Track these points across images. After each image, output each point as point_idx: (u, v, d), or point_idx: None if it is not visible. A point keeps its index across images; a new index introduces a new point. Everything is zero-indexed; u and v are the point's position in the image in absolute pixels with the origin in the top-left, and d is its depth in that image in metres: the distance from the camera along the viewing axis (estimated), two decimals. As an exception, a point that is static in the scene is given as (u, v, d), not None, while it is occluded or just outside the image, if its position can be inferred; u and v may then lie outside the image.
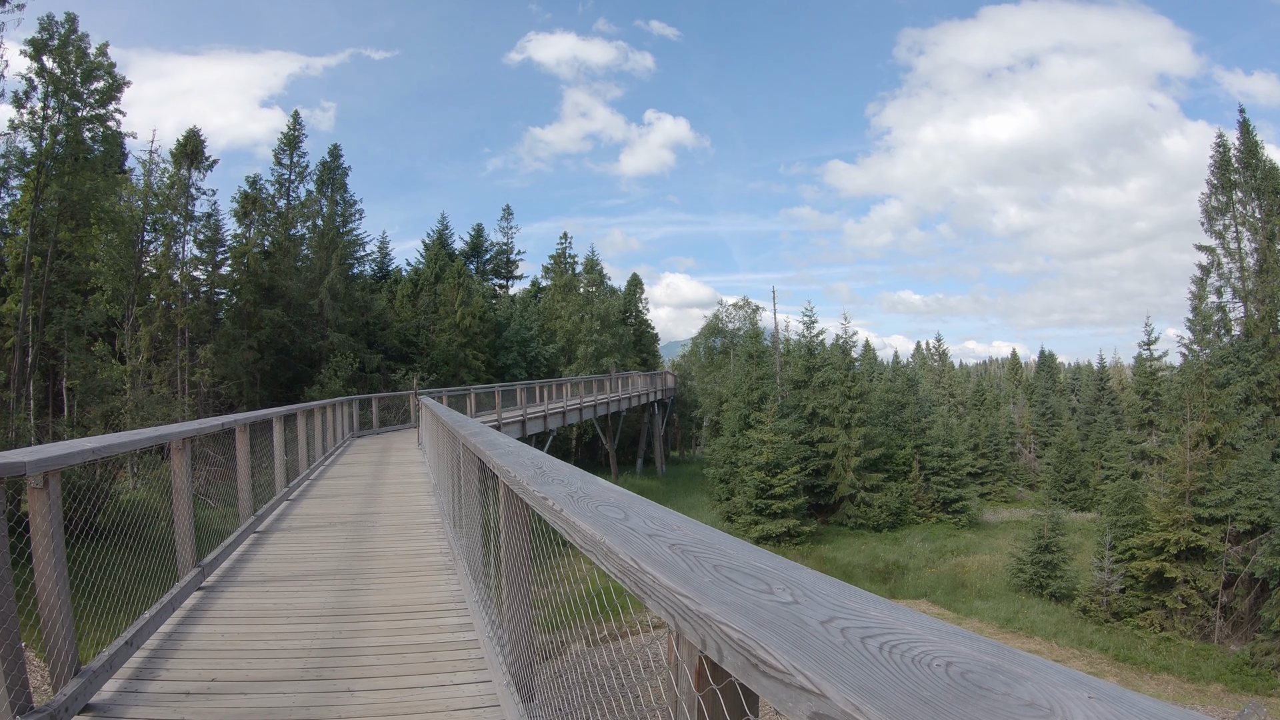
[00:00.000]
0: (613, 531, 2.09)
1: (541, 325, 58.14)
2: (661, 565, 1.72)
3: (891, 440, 44.37)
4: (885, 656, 1.17)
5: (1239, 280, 37.54)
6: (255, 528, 10.05)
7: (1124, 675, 22.06)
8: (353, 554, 8.85)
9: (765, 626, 1.31)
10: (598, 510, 2.40)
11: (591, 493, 2.76)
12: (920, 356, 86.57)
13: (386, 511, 11.78)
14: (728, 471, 41.00)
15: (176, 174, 38.75)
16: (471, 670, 5.18)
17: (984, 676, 1.08)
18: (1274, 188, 36.35)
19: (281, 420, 12.52)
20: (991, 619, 26.24)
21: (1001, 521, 42.69)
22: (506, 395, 32.46)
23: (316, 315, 43.48)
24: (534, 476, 3.27)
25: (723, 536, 2.00)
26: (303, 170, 47.88)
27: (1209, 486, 25.76)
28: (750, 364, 45.75)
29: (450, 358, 48.36)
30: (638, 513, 2.33)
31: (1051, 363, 79.32)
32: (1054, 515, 30.31)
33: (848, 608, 1.40)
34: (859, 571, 32.00)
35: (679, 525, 2.15)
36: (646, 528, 2.12)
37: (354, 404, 27.24)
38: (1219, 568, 24.90)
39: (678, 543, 1.93)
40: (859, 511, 40.67)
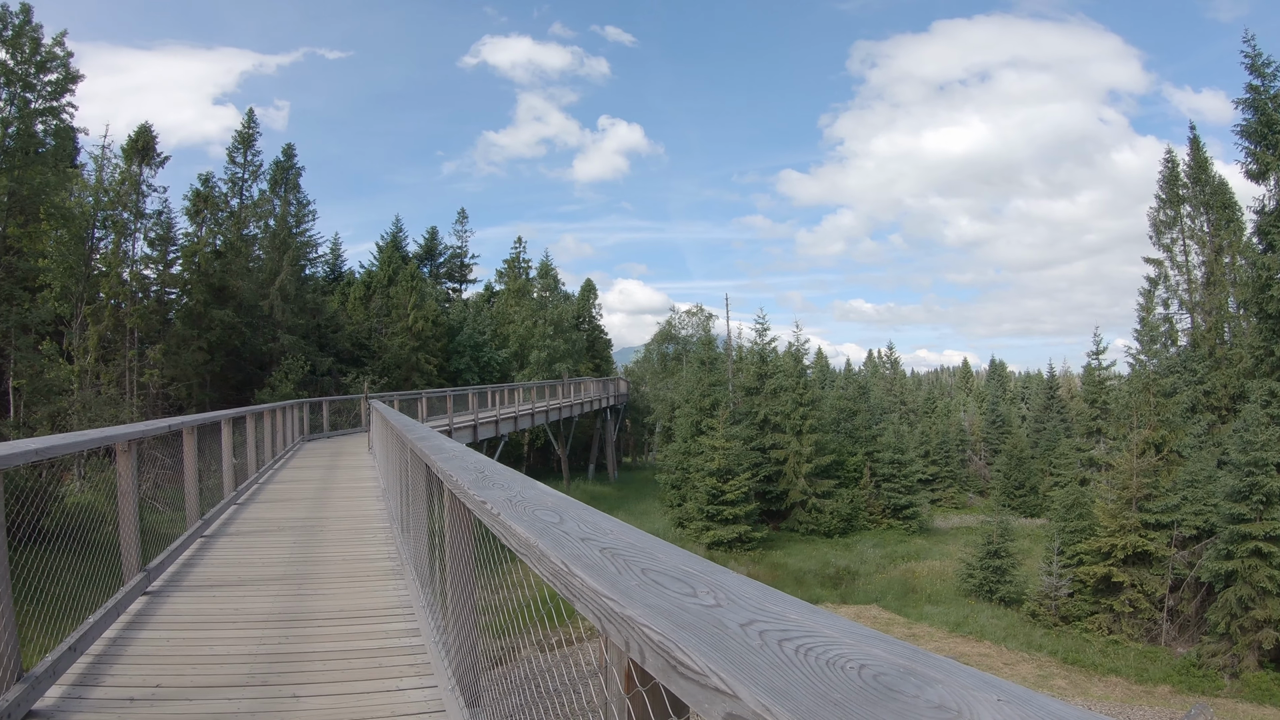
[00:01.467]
0: (547, 535, 2.11)
1: (495, 330, 57.63)
2: (591, 568, 1.74)
3: (843, 447, 44.49)
4: (800, 659, 1.16)
5: (1186, 292, 38.20)
6: (202, 532, 9.97)
7: (1073, 678, 22.10)
8: (300, 559, 8.81)
9: (685, 629, 1.32)
10: (534, 515, 2.43)
11: (530, 497, 2.80)
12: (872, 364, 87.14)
13: (335, 516, 11.74)
14: (679, 478, 40.90)
15: (128, 170, 37.61)
16: (418, 676, 5.18)
17: (896, 679, 1.07)
18: (1222, 203, 37.10)
19: (230, 423, 12.43)
20: (942, 623, 26.20)
21: (952, 527, 43.02)
22: (458, 400, 32.28)
23: (267, 317, 42.58)
24: (475, 481, 3.32)
25: (654, 541, 2.01)
26: (256, 169, 46.99)
27: (1155, 493, 25.98)
28: (703, 371, 45.66)
29: (402, 361, 47.69)
30: (573, 517, 2.35)
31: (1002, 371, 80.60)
32: (1003, 521, 30.42)
33: (768, 611, 1.41)
34: (810, 577, 31.90)
35: (612, 530, 2.17)
36: (580, 532, 2.14)
37: (304, 407, 26.93)
38: (1165, 572, 25.08)
39: (609, 547, 1.94)
40: (810, 518, 40.62)
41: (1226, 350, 34.85)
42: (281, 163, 48.62)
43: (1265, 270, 26.41)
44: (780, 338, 49.96)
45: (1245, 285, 29.49)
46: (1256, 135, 27.29)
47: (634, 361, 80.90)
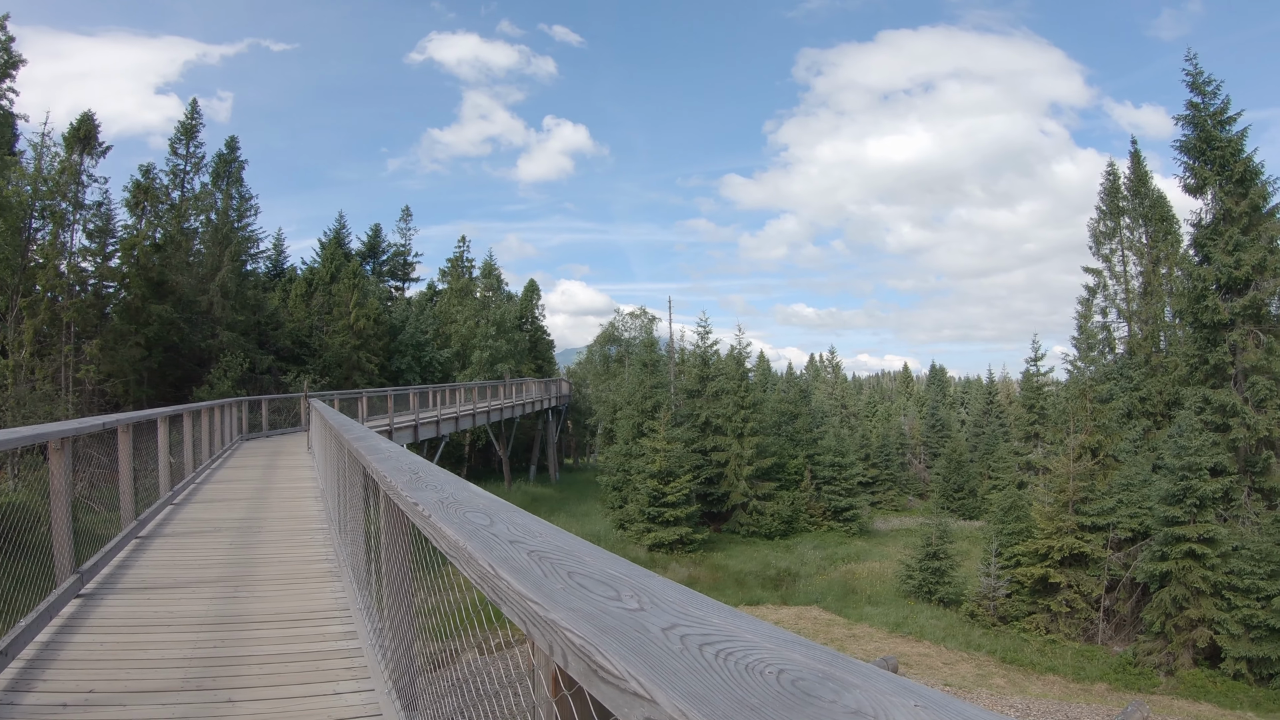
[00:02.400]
0: (476, 538, 2.10)
1: (437, 329, 56.90)
2: (517, 571, 1.73)
3: (784, 450, 44.73)
4: (720, 663, 1.16)
5: (1124, 301, 39.23)
6: (138, 533, 9.73)
7: (1011, 676, 22.31)
8: (237, 560, 8.66)
9: (607, 633, 1.31)
10: (465, 516, 2.41)
11: (462, 499, 2.76)
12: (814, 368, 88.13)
13: (273, 517, 11.58)
14: (621, 479, 40.77)
15: (68, 159, 36.24)
16: (355, 679, 5.10)
17: (814, 684, 1.07)
18: (1160, 215, 38.18)
19: (167, 421, 12.15)
20: (882, 624, 26.32)
21: (892, 529, 43.47)
22: (399, 399, 31.83)
23: (207, 313, 41.34)
24: (409, 482, 3.29)
25: (582, 544, 2.00)
26: (198, 162, 45.53)
27: (1091, 496, 26.44)
28: (645, 373, 45.87)
29: (343, 360, 46.65)
30: (503, 519, 2.32)
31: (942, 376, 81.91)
32: (942, 523, 30.79)
33: (691, 615, 1.39)
34: (751, 579, 31.91)
35: (541, 532, 2.15)
36: (509, 534, 2.12)
37: (243, 406, 26.41)
38: (1101, 573, 25.55)
39: (537, 549, 1.92)
40: (751, 519, 40.75)
41: (1162, 358, 35.80)
42: (224, 155, 47.25)
43: (1200, 281, 27.06)
44: (723, 341, 50.07)
45: (1181, 295, 30.27)
46: (1195, 151, 27.97)
47: (576, 363, 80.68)
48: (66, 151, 36.38)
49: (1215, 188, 27.21)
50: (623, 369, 65.16)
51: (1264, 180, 26.51)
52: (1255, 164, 26.68)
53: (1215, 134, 27.37)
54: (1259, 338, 25.68)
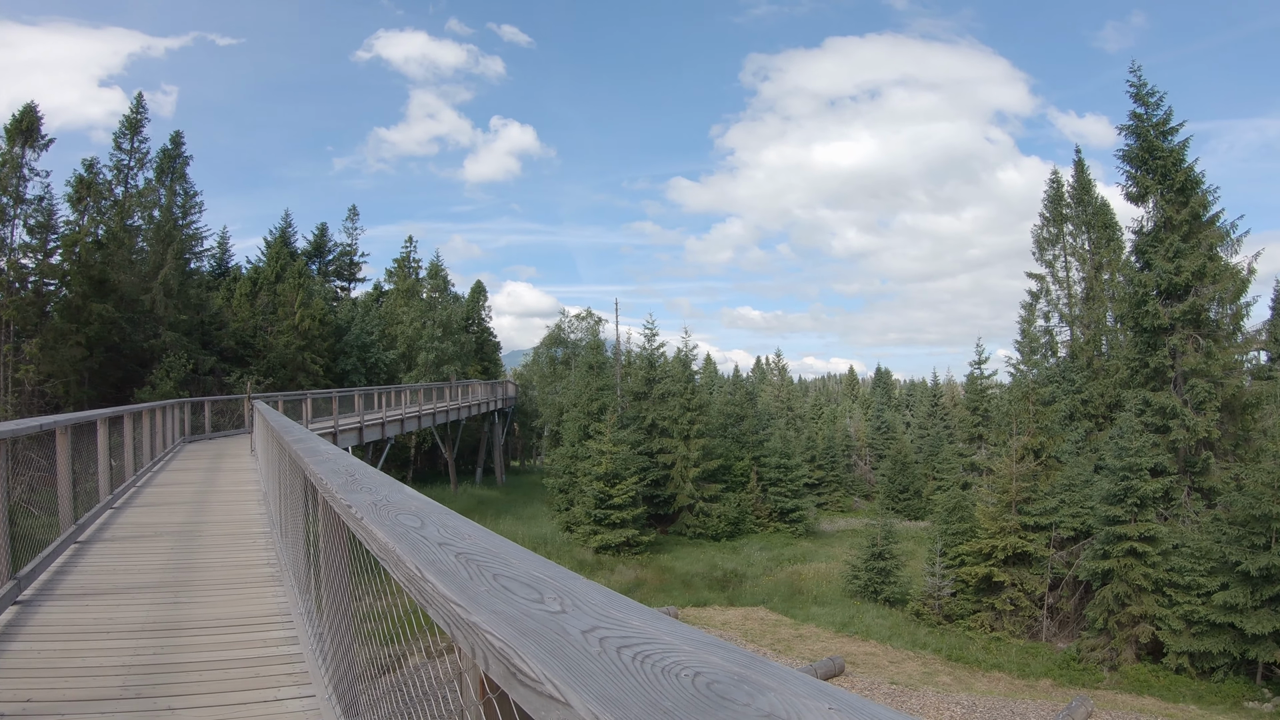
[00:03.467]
0: (405, 540, 2.09)
1: (383, 330, 56.26)
2: (443, 574, 1.72)
3: (730, 452, 44.88)
4: (636, 666, 1.16)
5: (1066, 306, 40.08)
6: (77, 538, 9.62)
7: (957, 674, 22.48)
8: (179, 565, 8.58)
9: (527, 635, 1.31)
10: (396, 519, 2.40)
11: (395, 501, 2.75)
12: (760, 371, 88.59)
13: (215, 521, 11.49)
14: (567, 482, 40.54)
15: (9, 152, 35.14)
16: (296, 685, 5.06)
17: (729, 687, 1.07)
18: (1103, 223, 39.11)
19: (107, 423, 12.01)
20: (828, 624, 26.37)
21: (837, 530, 43.85)
22: (344, 401, 31.41)
23: (149, 312, 40.22)
24: (344, 485, 3.28)
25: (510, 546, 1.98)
26: (142, 157, 44.33)
27: (1034, 496, 26.83)
28: (591, 375, 45.59)
29: (288, 361, 45.70)
30: (434, 522, 2.32)
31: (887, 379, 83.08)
32: (887, 524, 31.04)
33: (612, 617, 1.39)
34: (698, 580, 31.79)
35: (471, 534, 2.15)
36: (439, 536, 2.11)
37: (186, 407, 26.00)
38: (1045, 572, 25.93)
39: (465, 551, 1.92)
40: (698, 521, 40.75)
41: (1104, 361, 36.61)
42: (169, 151, 46.21)
43: (1141, 287, 27.61)
44: (669, 343, 50.45)
45: (1122, 301, 30.83)
46: (1138, 160, 28.56)
47: (523, 365, 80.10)
48: (8, 144, 35.62)
49: (1157, 196, 27.79)
50: (569, 371, 64.86)
51: (1204, 190, 27.15)
52: (1196, 174, 27.33)
53: (1157, 144, 27.97)
54: (1198, 342, 26.29)
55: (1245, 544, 21.12)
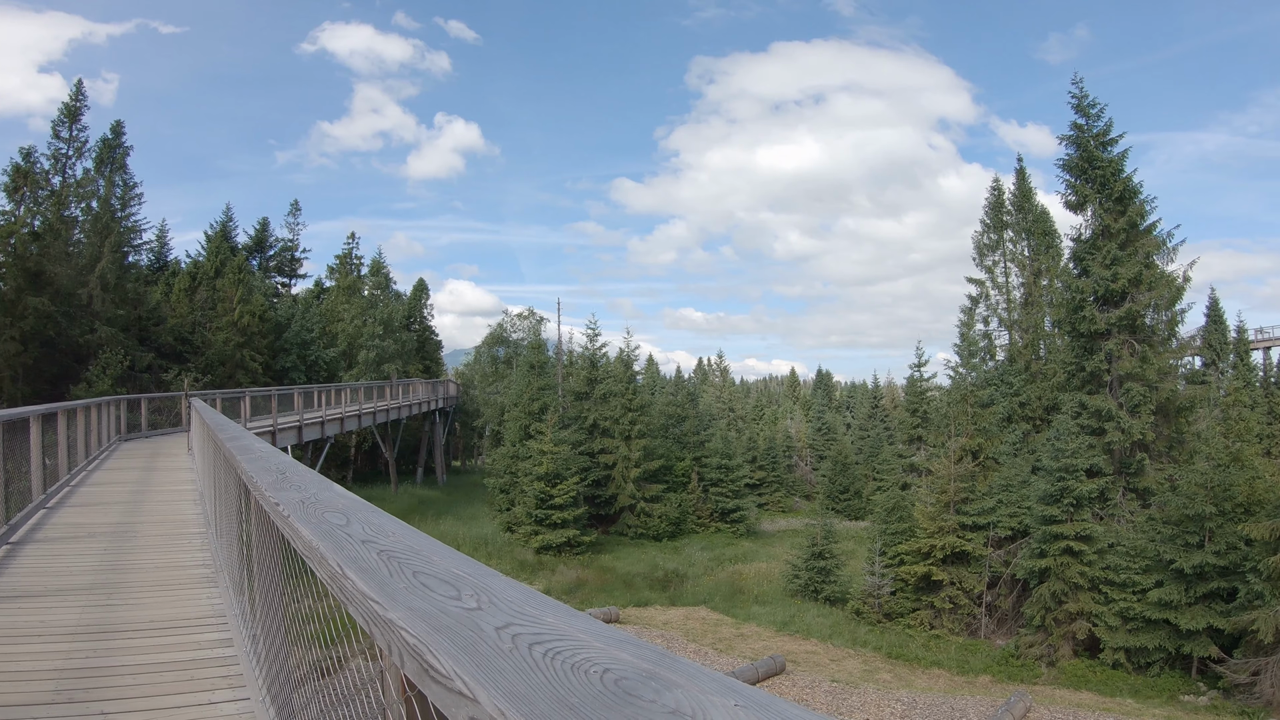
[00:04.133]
0: (330, 538, 2.08)
1: (323, 328, 55.10)
2: (364, 571, 1.71)
3: (671, 452, 45.00)
4: (547, 663, 1.17)
5: (1005, 311, 40.85)
6: (8, 539, 9.46)
7: (897, 671, 22.68)
8: (113, 566, 8.38)
9: (441, 632, 1.31)
10: (322, 516, 2.39)
11: (323, 499, 2.74)
12: (702, 372, 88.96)
13: (151, 520, 11.26)
14: (508, 482, 40.21)
15: None
16: (230, 688, 4.99)
17: (636, 684, 1.08)
18: (1042, 230, 39.95)
19: (40, 420, 11.74)
20: (769, 623, 26.42)
21: (778, 530, 44.08)
22: (283, 399, 30.87)
23: (86, 306, 38.81)
24: (275, 483, 3.26)
25: (432, 544, 1.98)
26: (81, 146, 42.48)
27: (972, 497, 27.26)
28: (532, 374, 45.16)
29: (226, 358, 44.57)
30: (359, 520, 2.32)
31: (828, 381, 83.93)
32: (828, 524, 31.26)
33: (526, 614, 1.40)
34: (639, 580, 31.73)
35: (395, 532, 2.14)
36: (363, 534, 2.10)
37: (122, 405, 25.47)
38: (983, 570, 26.35)
39: (387, 549, 1.90)
40: (639, 521, 40.75)
41: (1041, 365, 37.38)
42: (109, 140, 44.52)
43: (1079, 293, 28.20)
44: (611, 343, 50.09)
45: (1060, 306, 31.51)
46: (1078, 169, 29.19)
47: (464, 364, 79.46)
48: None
49: (1095, 205, 28.42)
50: (511, 371, 64.56)
51: (1142, 199, 27.88)
52: (1134, 184, 28.04)
53: (1097, 154, 28.62)
54: (1134, 347, 26.97)
55: (1179, 543, 21.71)
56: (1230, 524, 21.14)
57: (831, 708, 19.12)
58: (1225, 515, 21.41)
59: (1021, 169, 42.19)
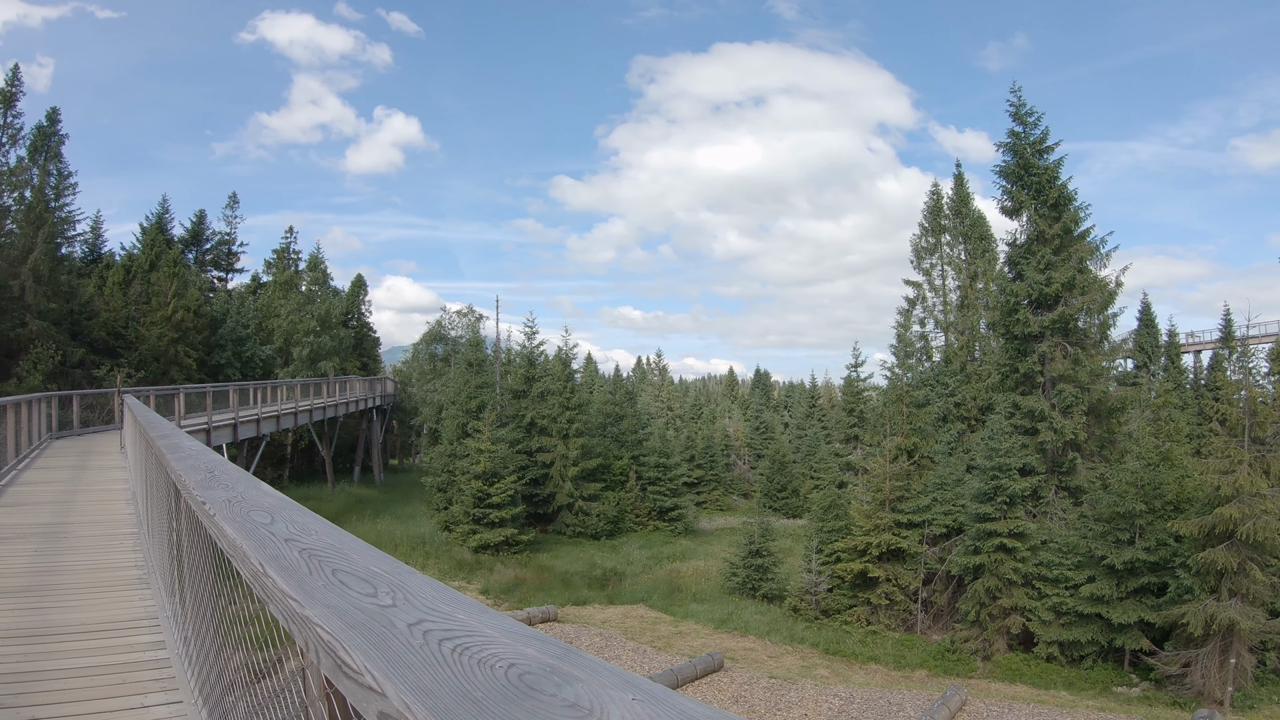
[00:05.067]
0: (253, 536, 2.08)
1: (259, 323, 53.82)
2: (285, 569, 1.72)
3: (609, 451, 44.96)
4: (454, 658, 1.19)
5: (941, 313, 41.73)
6: None
7: (835, 667, 22.81)
8: (42, 568, 8.28)
9: (355, 628, 1.32)
10: (248, 515, 2.39)
11: (250, 498, 2.73)
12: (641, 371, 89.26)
13: (83, 521, 11.12)
14: (445, 480, 39.82)
15: None
16: (163, 691, 4.93)
17: (539, 678, 1.10)
18: (979, 234, 40.88)
19: None
20: (707, 621, 26.38)
21: (716, 529, 44.31)
22: (218, 396, 30.34)
23: (17, 299, 37.52)
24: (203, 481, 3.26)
25: (354, 542, 1.99)
26: (15, 133, 41.07)
27: (908, 495, 27.64)
28: (470, 372, 44.90)
29: (161, 354, 43.33)
30: (284, 518, 2.31)
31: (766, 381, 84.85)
32: (765, 522, 31.35)
33: (439, 611, 1.42)
34: (578, 579, 31.52)
35: (318, 530, 2.15)
36: (286, 533, 2.10)
37: (53, 402, 25.06)
38: (918, 567, 26.73)
39: (309, 547, 1.90)
40: (577, 520, 40.67)
41: (976, 366, 38.26)
42: (44, 128, 42.65)
43: (1013, 296, 28.84)
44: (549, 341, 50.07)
45: (995, 309, 32.18)
46: (1014, 176, 29.84)
47: (402, 361, 78.32)
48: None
49: (1031, 211, 29.07)
50: (449, 368, 63.74)
51: (1076, 206, 28.65)
52: (1069, 191, 28.82)
53: (1034, 162, 29.29)
54: (1066, 349, 27.67)
55: (1110, 539, 22.30)
56: (1160, 521, 21.84)
57: (769, 704, 19.11)
58: (1155, 513, 22.10)
59: (960, 174, 43.31)
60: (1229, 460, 20.18)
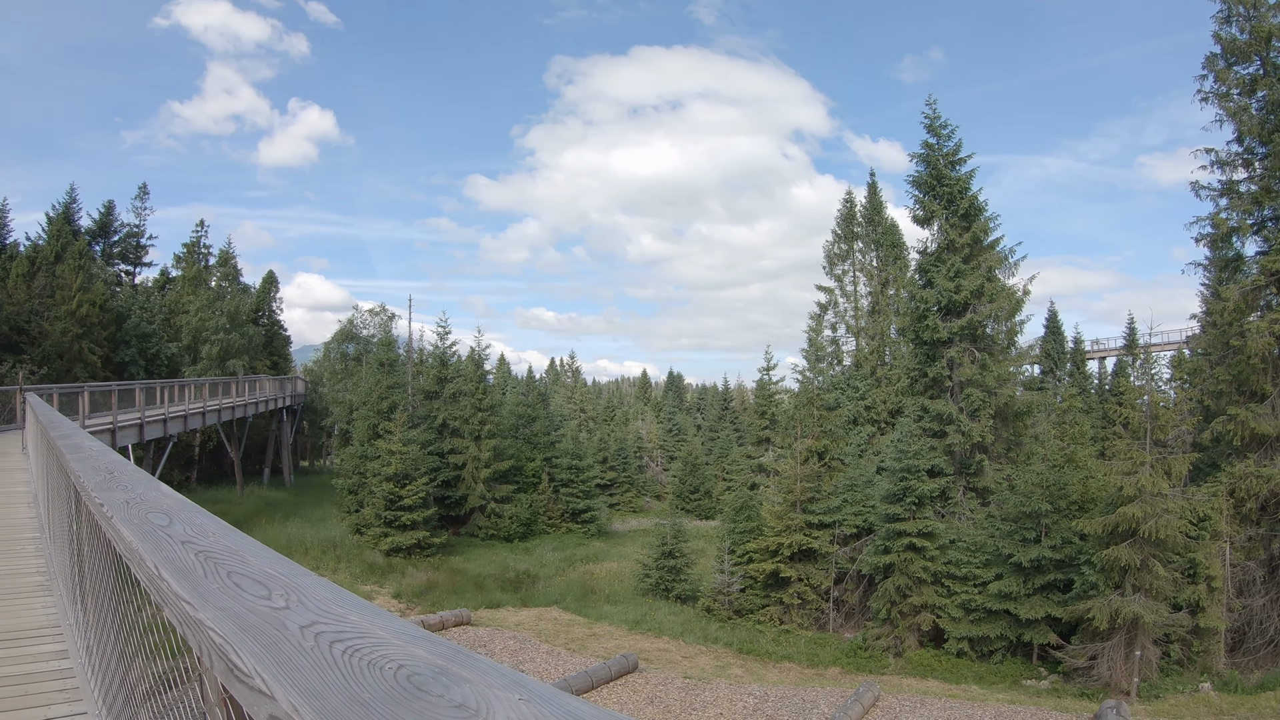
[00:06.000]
0: (150, 538, 2.05)
1: (166, 319, 51.58)
2: (180, 572, 1.71)
3: (522, 453, 44.58)
4: (345, 660, 1.19)
5: (853, 318, 42.66)
6: None
7: (749, 666, 23.08)
8: None
9: (247, 631, 1.31)
10: (145, 517, 2.35)
11: (149, 499, 2.69)
12: (554, 372, 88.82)
13: None
14: (356, 483, 38.92)
15: None
16: (67, 703, 4.77)
17: (428, 679, 1.11)
18: (891, 242, 41.91)
19: None
20: (621, 622, 26.38)
21: (629, 530, 44.50)
22: (124, 395, 29.11)
23: None
24: (102, 483, 3.21)
25: (251, 544, 1.97)
26: None
27: (818, 496, 28.11)
28: (382, 372, 44.19)
29: (64, 350, 41.10)
30: (182, 520, 2.28)
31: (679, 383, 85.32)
32: (678, 523, 31.55)
33: (332, 613, 1.41)
34: (491, 582, 31.15)
35: (215, 532, 2.13)
36: (183, 535, 2.08)
37: None
38: (830, 567, 27.18)
39: (206, 550, 1.89)
40: (490, 522, 40.30)
41: (886, 371, 39.21)
42: None
43: (923, 303, 29.56)
44: (462, 342, 49.19)
45: (905, 315, 32.96)
46: (926, 186, 30.65)
47: (313, 360, 76.36)
48: None
49: (942, 220, 29.89)
50: (360, 368, 62.38)
51: (986, 217, 29.60)
52: (980, 202, 29.78)
53: (946, 173, 30.12)
54: (974, 354, 28.52)
55: (1017, 538, 23.08)
56: (1065, 520, 22.72)
57: (685, 704, 19.11)
58: (1060, 512, 22.98)
59: (874, 183, 44.33)
60: (1132, 462, 21.12)
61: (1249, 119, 24.45)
